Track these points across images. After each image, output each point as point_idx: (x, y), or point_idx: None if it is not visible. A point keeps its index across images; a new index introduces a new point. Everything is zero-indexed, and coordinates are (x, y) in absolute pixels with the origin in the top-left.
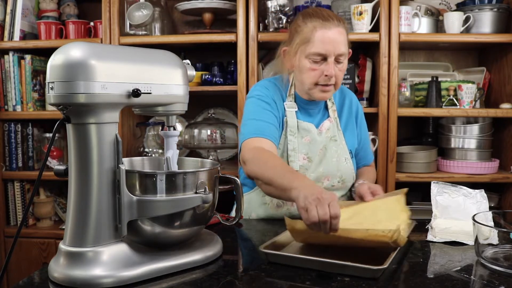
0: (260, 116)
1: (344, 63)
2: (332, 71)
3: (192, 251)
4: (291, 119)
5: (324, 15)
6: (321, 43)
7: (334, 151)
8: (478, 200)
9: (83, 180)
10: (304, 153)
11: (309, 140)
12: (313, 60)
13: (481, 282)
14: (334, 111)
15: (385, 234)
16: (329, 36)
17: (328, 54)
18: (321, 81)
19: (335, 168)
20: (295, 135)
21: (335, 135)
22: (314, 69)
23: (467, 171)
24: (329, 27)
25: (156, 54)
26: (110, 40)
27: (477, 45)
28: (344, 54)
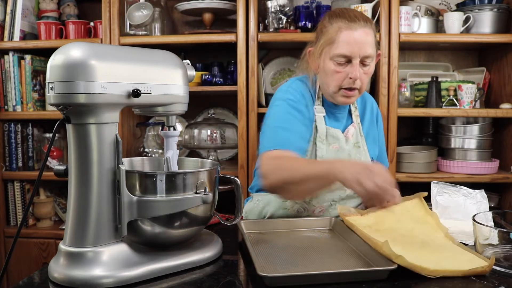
0: (289, 125)
1: (371, 66)
2: (357, 73)
3: (192, 251)
4: (320, 125)
5: (351, 16)
6: (346, 44)
7: (357, 158)
8: (478, 200)
9: (83, 180)
10: None
11: (337, 148)
12: (337, 62)
13: (481, 282)
14: (357, 116)
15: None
16: (354, 37)
17: (353, 56)
18: (345, 84)
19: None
20: (323, 142)
21: (358, 141)
22: (339, 72)
23: (467, 171)
24: (355, 27)
25: (156, 54)
26: (110, 40)
27: (477, 45)
28: (371, 56)
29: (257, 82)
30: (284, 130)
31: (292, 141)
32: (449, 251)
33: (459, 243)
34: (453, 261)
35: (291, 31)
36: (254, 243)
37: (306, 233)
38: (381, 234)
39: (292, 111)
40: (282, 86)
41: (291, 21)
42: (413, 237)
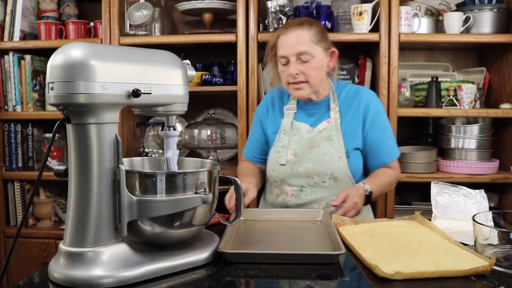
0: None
1: (312, 61)
2: (292, 70)
3: (192, 251)
4: (286, 120)
5: (287, 24)
6: (282, 47)
7: (326, 150)
8: (478, 200)
9: (83, 180)
10: (292, 150)
11: (298, 138)
12: (281, 63)
13: (481, 282)
14: (337, 112)
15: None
16: (287, 39)
17: (288, 55)
18: (290, 80)
19: (326, 166)
20: (287, 134)
21: (332, 134)
22: (284, 71)
23: (467, 171)
24: (287, 32)
25: (156, 54)
26: (110, 40)
27: (477, 45)
28: (306, 53)
29: (257, 82)
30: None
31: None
32: (448, 251)
33: (457, 242)
34: (453, 261)
35: None
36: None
37: (295, 222)
38: (378, 238)
39: (254, 123)
40: None
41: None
42: (410, 238)
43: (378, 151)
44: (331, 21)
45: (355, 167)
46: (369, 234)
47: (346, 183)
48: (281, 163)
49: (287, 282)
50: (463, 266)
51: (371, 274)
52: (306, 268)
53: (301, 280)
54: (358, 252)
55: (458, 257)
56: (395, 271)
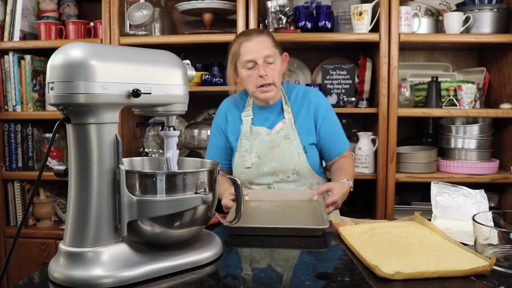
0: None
1: (276, 64)
2: (263, 71)
3: (192, 251)
4: (245, 126)
5: (247, 32)
6: (247, 52)
7: (286, 148)
8: (478, 200)
9: (83, 180)
10: (255, 153)
11: (259, 141)
12: (247, 68)
13: (481, 282)
14: (290, 112)
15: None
16: (252, 44)
17: (256, 58)
18: (259, 83)
19: (288, 162)
20: (248, 139)
21: (289, 133)
22: (250, 75)
23: (467, 171)
24: (251, 38)
25: (156, 54)
26: (110, 40)
27: (477, 45)
28: (271, 55)
29: None
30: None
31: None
32: (448, 251)
33: (457, 242)
34: (453, 261)
35: (291, 31)
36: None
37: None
38: (378, 238)
39: (214, 132)
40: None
41: (291, 21)
42: (410, 238)
43: (333, 144)
44: (331, 21)
45: (313, 160)
46: (369, 234)
47: (308, 175)
48: (246, 166)
49: (287, 282)
50: (463, 266)
51: (371, 274)
52: (306, 268)
53: (301, 280)
54: (358, 252)
55: (458, 257)
56: (395, 271)
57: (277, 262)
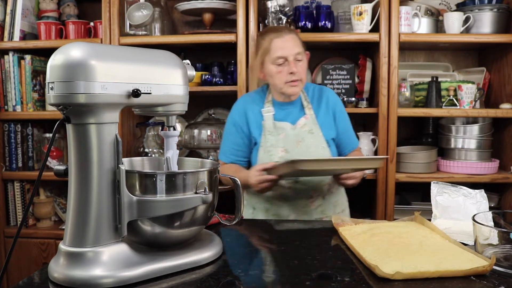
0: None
1: (304, 61)
2: (294, 68)
3: (192, 251)
4: (267, 122)
5: (277, 28)
6: (279, 48)
7: (311, 142)
8: (478, 200)
9: (83, 180)
10: (281, 147)
11: (284, 136)
12: (277, 64)
13: (481, 282)
14: (310, 108)
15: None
16: (284, 41)
17: (287, 55)
18: (288, 79)
19: (313, 156)
20: (272, 134)
21: (312, 128)
22: (280, 71)
23: (467, 171)
24: (282, 35)
25: (156, 54)
26: (110, 40)
27: (477, 45)
28: (300, 53)
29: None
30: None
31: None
32: (448, 251)
33: (457, 242)
34: (453, 261)
35: None
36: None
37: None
38: (378, 238)
39: (231, 129)
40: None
41: (291, 21)
42: (411, 238)
43: (348, 139)
44: (331, 21)
45: (334, 154)
46: (369, 234)
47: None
48: (274, 161)
49: (287, 282)
50: (463, 266)
51: (371, 274)
52: (306, 268)
53: (301, 280)
54: (358, 252)
55: (458, 257)
56: (395, 271)
57: (277, 262)
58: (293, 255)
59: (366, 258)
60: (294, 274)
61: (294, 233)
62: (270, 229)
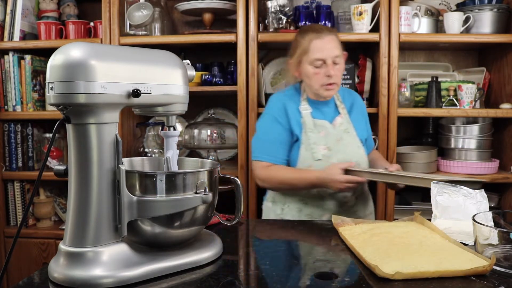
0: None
1: (341, 64)
2: (332, 71)
3: (192, 251)
4: (307, 119)
5: (317, 29)
6: (318, 50)
7: (348, 141)
8: (478, 200)
9: (83, 180)
10: (323, 145)
11: (324, 134)
12: (315, 65)
13: (481, 282)
14: (343, 108)
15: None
16: (323, 43)
17: (326, 58)
18: (325, 82)
19: (352, 155)
20: (313, 131)
21: (347, 128)
22: (317, 73)
23: (467, 171)
24: (322, 36)
25: (156, 54)
26: (110, 40)
27: (477, 45)
28: (339, 56)
29: (257, 82)
30: (264, 141)
31: (270, 151)
32: (448, 251)
33: (457, 242)
34: (453, 261)
35: (291, 31)
36: None
37: None
38: (378, 238)
39: (273, 125)
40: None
41: (291, 21)
42: (411, 238)
43: (370, 139)
44: (331, 21)
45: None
46: (369, 234)
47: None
48: (317, 158)
49: (287, 282)
50: (463, 266)
51: (371, 274)
52: (306, 268)
53: (301, 280)
54: (358, 252)
55: (458, 257)
56: (395, 271)
57: (277, 262)
58: (293, 255)
59: (366, 258)
60: (294, 274)
61: (294, 233)
62: (270, 229)
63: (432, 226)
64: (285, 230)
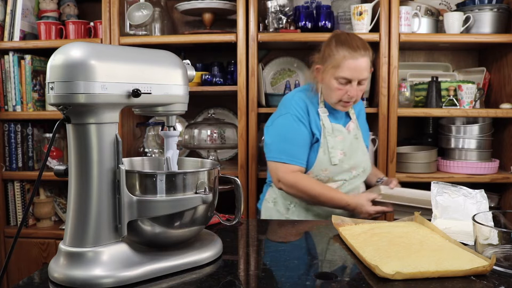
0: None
1: (365, 84)
2: (355, 92)
3: (192, 251)
4: (326, 122)
5: (354, 46)
6: (348, 70)
7: (357, 147)
8: (478, 200)
9: (83, 180)
10: (340, 149)
11: (342, 139)
12: (340, 82)
13: (481, 282)
14: (353, 114)
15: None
16: (356, 65)
17: (353, 79)
18: (344, 99)
19: (360, 160)
20: (331, 135)
21: (356, 133)
22: (340, 89)
23: (467, 171)
24: (356, 57)
25: (156, 54)
26: (110, 40)
27: (477, 45)
28: (366, 79)
29: (257, 82)
30: (291, 144)
31: (297, 155)
32: (448, 251)
33: (457, 242)
34: (453, 261)
35: (291, 31)
36: None
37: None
38: (378, 237)
39: (297, 123)
40: (286, 98)
41: (291, 21)
42: (411, 238)
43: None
44: (331, 21)
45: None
46: (370, 234)
47: (367, 173)
48: (334, 163)
49: (287, 282)
50: (463, 266)
51: (371, 274)
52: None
53: (301, 280)
54: (358, 252)
55: (458, 257)
56: (395, 271)
57: (277, 262)
58: (293, 255)
59: (366, 258)
60: (294, 274)
61: (294, 233)
62: (270, 229)
63: (432, 226)
64: (285, 230)
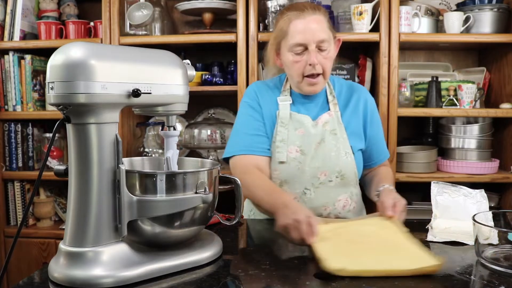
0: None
1: (329, 50)
2: (314, 59)
3: (192, 251)
4: (283, 111)
5: (299, 6)
6: (298, 33)
7: (333, 145)
8: (478, 200)
9: (83, 180)
10: (297, 146)
11: (303, 133)
12: (295, 52)
13: (481, 282)
14: (335, 104)
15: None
16: (305, 25)
17: (308, 43)
18: (306, 72)
19: (334, 163)
20: (286, 127)
21: (335, 128)
22: (298, 61)
23: (467, 171)
24: (304, 16)
25: (156, 54)
26: (110, 40)
27: (477, 45)
28: (326, 40)
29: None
30: (246, 135)
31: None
32: (404, 250)
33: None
34: (403, 260)
35: None
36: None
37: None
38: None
39: (249, 111)
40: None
41: None
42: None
43: (376, 149)
44: (331, 21)
45: (359, 164)
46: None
47: (351, 182)
48: (280, 160)
49: (287, 282)
50: (411, 265)
51: None
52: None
53: (301, 280)
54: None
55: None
56: (341, 268)
57: (277, 262)
58: (293, 255)
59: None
60: (294, 274)
61: None
62: (270, 229)
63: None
64: None
